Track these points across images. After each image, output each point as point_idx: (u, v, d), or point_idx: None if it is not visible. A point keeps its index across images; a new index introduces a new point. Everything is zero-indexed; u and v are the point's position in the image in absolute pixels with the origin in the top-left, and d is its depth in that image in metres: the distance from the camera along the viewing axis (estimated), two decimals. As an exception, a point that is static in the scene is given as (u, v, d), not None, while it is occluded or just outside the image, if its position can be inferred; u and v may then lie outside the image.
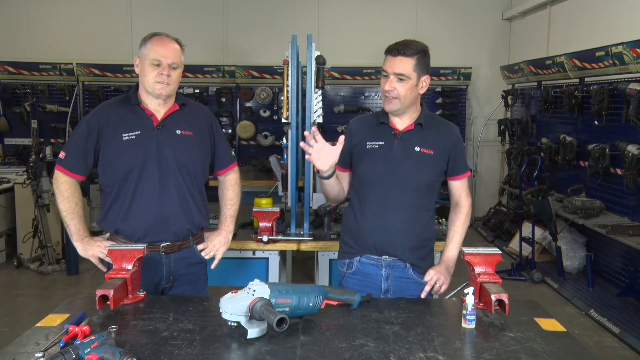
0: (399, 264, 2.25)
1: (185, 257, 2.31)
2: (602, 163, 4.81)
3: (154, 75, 2.19)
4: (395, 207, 2.21)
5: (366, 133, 2.27)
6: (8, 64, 7.42)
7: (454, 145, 2.26)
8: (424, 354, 1.55)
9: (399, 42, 2.19)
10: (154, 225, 2.22)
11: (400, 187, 2.20)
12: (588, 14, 5.69)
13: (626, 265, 4.76)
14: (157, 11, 7.66)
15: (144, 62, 2.22)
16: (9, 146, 7.56)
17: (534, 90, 6.47)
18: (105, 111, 2.26)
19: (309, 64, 3.15)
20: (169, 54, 2.20)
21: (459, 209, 2.34)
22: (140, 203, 2.20)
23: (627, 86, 4.44)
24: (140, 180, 2.19)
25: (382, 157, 2.21)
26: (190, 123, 2.30)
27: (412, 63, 2.15)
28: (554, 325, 1.80)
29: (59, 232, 5.50)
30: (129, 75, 7.50)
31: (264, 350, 1.55)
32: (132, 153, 2.19)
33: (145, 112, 2.24)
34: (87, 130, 2.21)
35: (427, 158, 2.21)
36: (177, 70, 2.23)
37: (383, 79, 2.22)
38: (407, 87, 2.15)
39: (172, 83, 2.21)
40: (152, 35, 2.25)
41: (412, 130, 2.23)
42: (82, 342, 1.43)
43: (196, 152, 2.30)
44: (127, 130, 2.20)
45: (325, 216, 3.07)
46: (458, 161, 2.28)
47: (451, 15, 7.62)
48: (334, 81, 7.38)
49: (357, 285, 2.25)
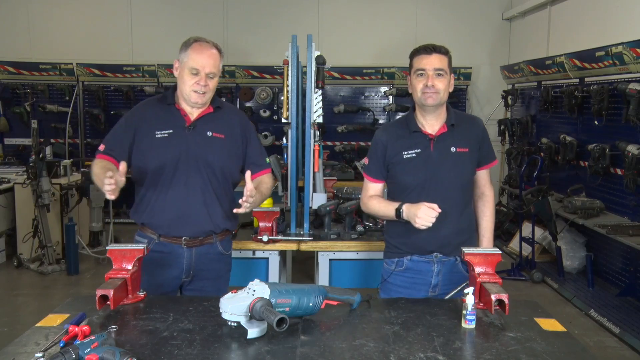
0: (449, 259, 2.32)
1: (207, 252, 2.34)
2: (602, 163, 4.81)
3: (192, 84, 2.22)
4: (442, 209, 2.20)
5: (400, 144, 2.31)
6: (8, 64, 7.42)
7: (483, 137, 2.37)
8: (424, 354, 1.55)
9: (427, 43, 2.29)
10: (176, 221, 2.27)
11: (442, 189, 2.27)
12: (588, 14, 5.69)
13: (626, 265, 4.76)
14: (157, 11, 7.66)
15: (183, 69, 2.24)
16: (9, 146, 7.56)
17: (534, 90, 6.47)
18: (142, 108, 2.36)
19: (309, 64, 3.15)
20: (208, 64, 2.22)
21: (486, 199, 2.43)
22: (165, 199, 2.26)
23: (627, 86, 4.44)
24: (168, 177, 2.25)
25: (421, 165, 2.28)
26: (223, 126, 2.34)
27: (446, 60, 2.28)
28: (554, 325, 1.80)
29: (59, 232, 5.51)
30: (129, 75, 7.51)
31: (264, 350, 1.55)
32: (163, 150, 2.25)
33: (179, 112, 2.30)
34: (125, 125, 2.31)
35: (463, 156, 2.30)
36: (215, 79, 2.27)
37: (418, 78, 2.27)
38: (445, 82, 2.26)
39: (208, 92, 2.26)
40: (193, 41, 2.25)
41: (445, 132, 2.30)
42: (82, 342, 1.43)
43: (225, 155, 2.32)
44: (161, 129, 2.26)
45: (325, 216, 3.07)
46: (486, 151, 2.37)
47: (451, 15, 7.62)
48: (334, 81, 7.38)
49: (405, 282, 2.34)
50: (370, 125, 7.53)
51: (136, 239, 2.37)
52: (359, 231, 3.07)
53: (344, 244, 3.00)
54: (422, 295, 2.32)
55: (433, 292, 2.34)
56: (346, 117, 7.55)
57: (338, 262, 3.06)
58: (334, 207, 3.11)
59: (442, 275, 2.33)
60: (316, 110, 3.22)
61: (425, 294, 2.33)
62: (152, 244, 2.29)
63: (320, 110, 3.29)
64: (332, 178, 4.28)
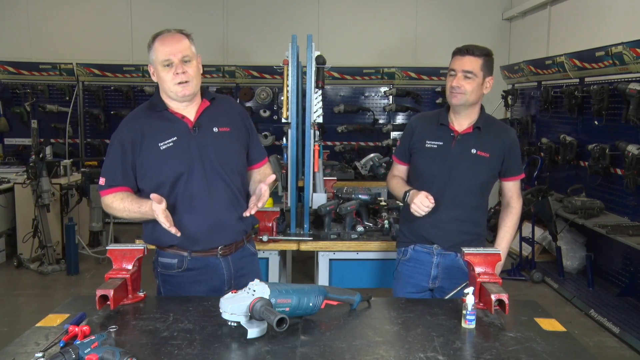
0: (450, 252, 2.38)
1: (241, 256, 2.22)
2: (602, 163, 4.81)
3: (170, 77, 2.03)
4: (449, 205, 2.34)
5: (426, 132, 2.41)
6: (8, 64, 7.42)
7: (510, 148, 2.38)
8: (424, 354, 1.55)
9: (467, 44, 2.34)
10: (209, 232, 2.10)
11: (455, 186, 2.34)
12: (588, 14, 5.69)
13: (626, 265, 4.76)
14: (157, 11, 7.66)
15: (157, 68, 2.06)
16: (9, 146, 7.55)
17: (534, 90, 6.47)
18: (134, 123, 2.11)
19: (309, 64, 3.16)
20: (176, 49, 2.02)
21: (510, 210, 2.47)
22: (191, 211, 2.07)
23: (627, 86, 4.44)
24: (188, 186, 2.07)
25: (439, 157, 2.36)
26: (225, 118, 2.17)
27: (479, 62, 2.29)
28: (554, 325, 1.80)
29: (59, 232, 5.51)
30: (128, 75, 7.51)
31: (264, 350, 1.55)
32: (173, 161, 2.06)
33: (175, 116, 2.10)
34: (121, 149, 2.08)
35: (482, 160, 2.34)
36: (192, 62, 2.06)
37: (449, 77, 2.34)
38: (473, 84, 2.29)
39: (191, 79, 2.05)
40: (154, 38, 2.08)
41: (470, 133, 2.36)
42: (82, 342, 1.43)
43: (237, 148, 2.18)
44: (163, 139, 2.06)
45: (325, 216, 3.07)
46: (512, 163, 2.40)
47: (451, 15, 7.62)
48: (334, 81, 7.38)
49: (409, 271, 2.45)
50: (370, 125, 7.53)
51: (160, 262, 2.16)
52: (359, 231, 3.07)
53: (344, 244, 3.00)
54: (424, 286, 2.43)
55: (433, 283, 2.41)
56: (346, 117, 7.55)
57: (338, 262, 3.06)
58: (334, 207, 3.11)
59: (442, 268, 2.39)
60: (316, 110, 3.22)
61: (426, 285, 2.43)
62: (185, 263, 2.12)
63: (320, 110, 3.29)
64: (332, 178, 4.28)
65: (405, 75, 7.48)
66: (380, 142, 7.54)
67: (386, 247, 2.96)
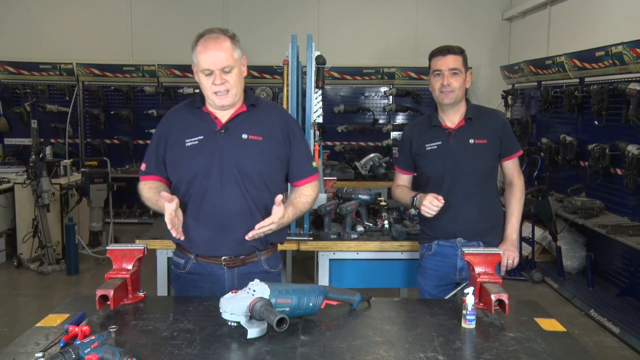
0: (472, 243, 2.47)
1: (250, 272, 2.06)
2: (602, 163, 4.81)
3: (209, 85, 1.98)
4: (461, 197, 2.46)
5: (423, 137, 2.54)
6: (8, 64, 7.43)
7: (503, 129, 2.52)
8: (424, 354, 1.55)
9: (442, 45, 2.47)
10: (213, 239, 2.05)
11: (462, 179, 2.46)
12: (588, 14, 5.69)
13: (626, 265, 4.76)
14: (157, 11, 7.67)
15: (197, 73, 2.02)
16: (9, 146, 7.56)
17: (534, 90, 6.47)
18: (170, 116, 2.14)
19: (309, 64, 3.15)
20: (217, 59, 1.95)
21: (514, 187, 2.58)
22: (199, 214, 2.04)
23: (627, 86, 4.44)
24: (202, 188, 2.03)
25: (442, 155, 2.48)
26: (260, 126, 2.06)
27: (460, 59, 2.45)
28: (554, 325, 1.80)
29: (59, 232, 5.51)
30: (128, 76, 7.51)
31: (264, 350, 1.55)
32: (193, 159, 2.03)
33: (209, 116, 2.06)
34: (157, 138, 2.12)
35: (482, 147, 2.47)
36: (233, 71, 1.99)
37: (436, 78, 2.46)
38: (460, 80, 2.43)
39: (231, 88, 1.99)
40: (197, 40, 2.00)
41: (463, 125, 2.49)
42: (82, 342, 1.43)
43: (265, 160, 2.06)
44: (191, 136, 2.04)
45: (325, 216, 3.07)
46: (508, 142, 2.53)
47: (451, 15, 7.62)
48: (334, 81, 7.38)
49: (435, 265, 2.56)
50: (370, 125, 7.53)
51: (173, 259, 2.19)
52: (359, 231, 3.06)
53: (344, 244, 3.00)
54: (451, 278, 2.54)
55: (460, 275, 2.51)
56: (346, 117, 7.55)
57: (338, 262, 3.05)
58: (334, 207, 3.11)
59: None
60: (316, 110, 3.22)
61: (453, 277, 2.53)
62: (189, 265, 2.10)
63: (320, 110, 3.29)
64: (332, 178, 4.27)
65: (405, 75, 7.48)
66: (380, 142, 7.54)
67: (386, 247, 2.96)
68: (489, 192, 2.53)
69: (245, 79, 2.09)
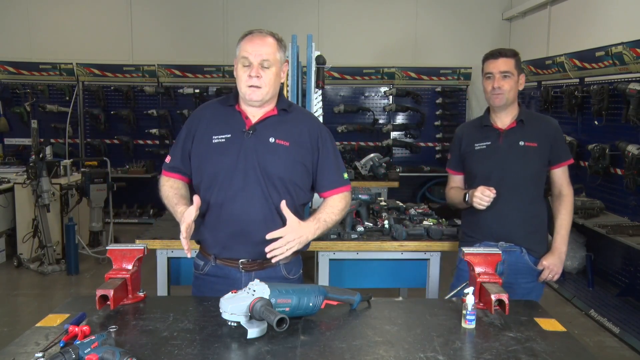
0: (515, 249, 2.46)
1: (268, 277, 1.99)
2: (602, 163, 4.81)
3: (245, 77, 1.96)
4: (508, 198, 2.43)
5: (473, 137, 2.55)
6: (8, 64, 7.43)
7: (555, 136, 2.50)
8: (424, 354, 1.55)
9: (495, 49, 2.51)
10: (231, 240, 2.03)
11: (510, 179, 2.44)
12: (588, 14, 5.69)
13: (626, 265, 4.76)
14: (157, 11, 7.67)
15: (236, 64, 2.01)
16: (9, 146, 7.56)
17: (534, 90, 6.47)
18: (201, 111, 2.12)
19: (309, 64, 3.16)
20: (259, 50, 1.94)
21: (563, 198, 2.52)
22: (219, 214, 2.02)
23: (627, 86, 4.44)
24: (223, 188, 2.00)
25: (490, 155, 2.48)
26: (289, 132, 2.03)
27: (512, 62, 2.46)
28: (554, 325, 1.80)
29: (59, 232, 5.51)
30: (128, 75, 7.51)
31: (264, 350, 1.55)
32: (218, 157, 2.01)
33: (240, 115, 2.04)
34: (186, 132, 2.10)
35: (531, 150, 2.45)
36: (271, 69, 1.97)
37: (487, 81, 2.48)
38: (511, 83, 2.44)
39: (264, 85, 1.96)
40: (245, 34, 2.01)
41: (514, 127, 2.48)
42: (82, 342, 1.43)
43: (289, 166, 2.02)
44: (219, 133, 2.02)
45: (325, 216, 3.07)
46: (559, 149, 2.50)
47: (451, 15, 7.62)
48: (334, 81, 7.38)
49: None
50: (370, 125, 7.54)
51: (194, 261, 2.16)
52: (359, 231, 3.06)
53: (344, 244, 3.00)
54: None
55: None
56: (346, 117, 7.55)
57: (338, 262, 3.05)
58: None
59: (507, 264, 2.44)
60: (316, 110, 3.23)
61: None
62: (207, 267, 2.09)
63: (320, 110, 3.29)
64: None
65: (405, 75, 7.49)
66: (380, 142, 7.54)
67: (386, 247, 2.96)
68: (535, 197, 2.49)
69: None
